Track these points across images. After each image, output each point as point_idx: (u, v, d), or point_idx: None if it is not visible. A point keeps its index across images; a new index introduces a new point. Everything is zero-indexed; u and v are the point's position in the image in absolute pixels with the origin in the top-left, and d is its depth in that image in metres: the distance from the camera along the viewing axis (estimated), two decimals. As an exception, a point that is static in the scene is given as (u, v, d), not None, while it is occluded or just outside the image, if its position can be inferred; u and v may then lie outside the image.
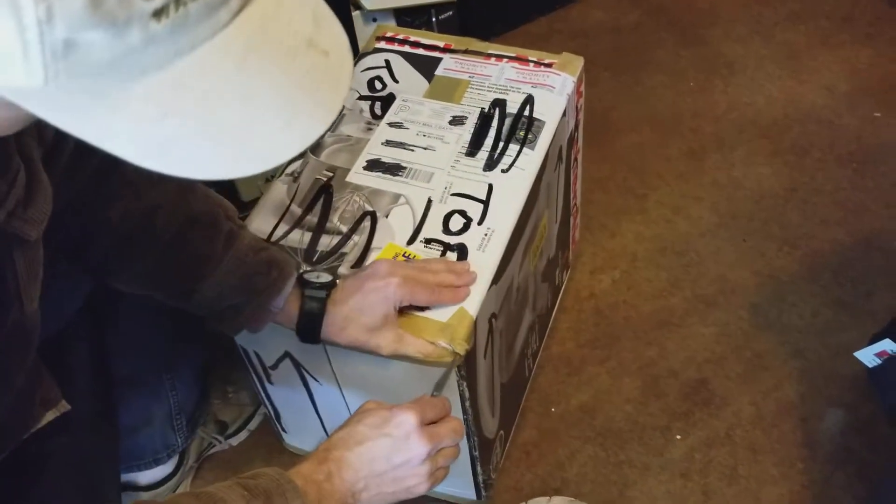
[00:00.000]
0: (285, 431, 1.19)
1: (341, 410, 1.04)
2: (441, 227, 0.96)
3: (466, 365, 0.89)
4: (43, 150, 0.69)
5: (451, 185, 0.99)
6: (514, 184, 0.99)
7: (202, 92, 0.43)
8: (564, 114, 1.09)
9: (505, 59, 1.14)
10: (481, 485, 1.10)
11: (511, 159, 1.01)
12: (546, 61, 1.13)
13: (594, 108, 1.68)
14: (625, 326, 1.34)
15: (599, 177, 1.55)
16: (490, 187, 0.99)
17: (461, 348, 0.86)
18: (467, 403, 0.93)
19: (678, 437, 1.21)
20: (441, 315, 0.88)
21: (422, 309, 0.88)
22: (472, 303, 0.89)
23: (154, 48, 0.40)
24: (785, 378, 1.26)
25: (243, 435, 1.26)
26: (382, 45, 1.18)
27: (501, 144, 1.03)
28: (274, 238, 0.97)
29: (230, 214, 0.86)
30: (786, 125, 1.63)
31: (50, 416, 0.76)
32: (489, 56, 1.14)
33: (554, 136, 1.05)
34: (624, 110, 1.69)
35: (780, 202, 1.50)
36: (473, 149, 1.03)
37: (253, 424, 1.26)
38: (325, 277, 0.88)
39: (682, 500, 1.15)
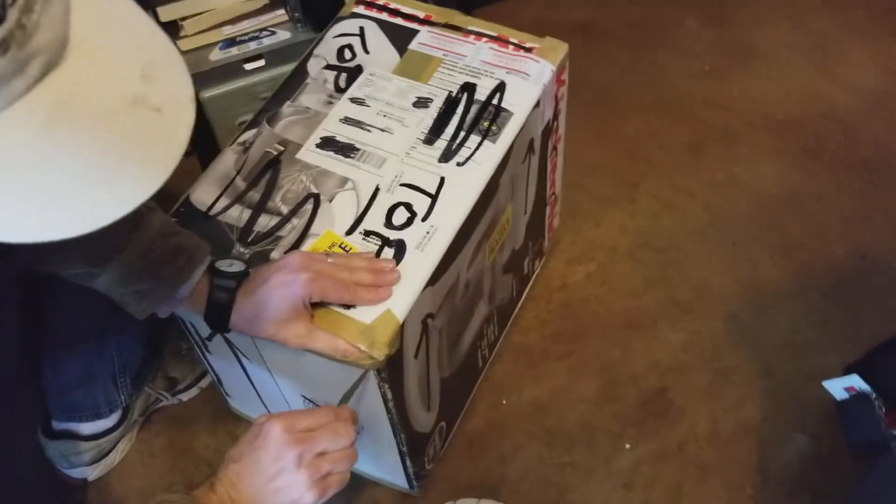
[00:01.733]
0: (228, 395, 1.18)
1: (273, 389, 1.02)
2: (383, 220, 0.91)
3: (390, 367, 0.85)
4: None
5: (402, 174, 0.94)
6: (468, 179, 0.94)
7: (2, 160, 0.43)
8: (538, 104, 1.02)
9: (484, 39, 1.07)
10: (412, 477, 1.08)
11: (469, 152, 0.96)
12: (527, 45, 1.06)
13: (600, 84, 1.61)
14: (592, 323, 1.30)
15: (593, 161, 1.48)
16: (441, 181, 0.93)
17: (380, 353, 0.82)
18: (390, 404, 0.90)
19: (627, 445, 1.18)
20: (365, 315, 0.84)
21: (347, 306, 0.84)
22: (400, 305, 0.85)
23: None
24: (750, 396, 1.21)
25: (194, 392, 1.25)
26: (361, 9, 1.12)
27: (462, 134, 0.97)
28: (213, 212, 0.94)
29: None
30: (800, 123, 1.54)
31: None
32: (468, 33, 1.08)
33: (522, 128, 0.99)
34: (630, 89, 1.61)
35: (778, 207, 1.42)
36: (433, 136, 0.97)
37: (204, 382, 1.25)
38: (238, 266, 0.84)
39: (620, 512, 1.13)
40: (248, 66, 1.33)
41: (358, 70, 1.05)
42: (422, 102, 1.00)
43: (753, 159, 1.49)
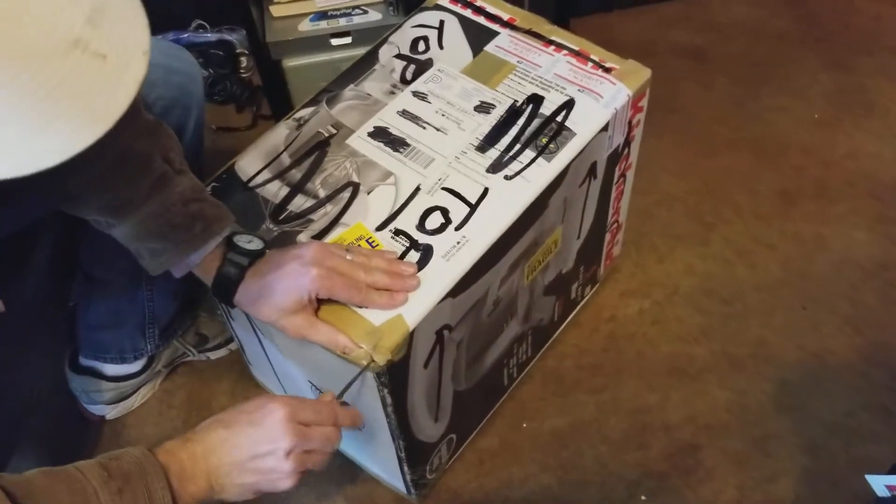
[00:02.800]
0: (250, 364, 1.18)
1: (286, 367, 1.01)
2: (417, 222, 0.88)
3: (393, 373, 0.83)
4: None
5: (447, 178, 0.91)
6: (512, 195, 0.90)
7: None
8: (606, 128, 0.97)
9: (564, 51, 1.02)
10: (409, 483, 1.05)
11: (520, 167, 0.92)
12: (607, 64, 1.00)
13: (696, 113, 1.54)
14: (634, 361, 1.24)
15: (670, 192, 1.41)
16: (485, 192, 0.90)
17: (382, 358, 0.79)
18: (389, 409, 0.88)
19: (643, 497, 1.12)
20: (376, 317, 0.81)
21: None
22: (413, 313, 0.82)
23: None
24: (785, 472, 1.13)
25: (222, 352, 1.26)
26: (445, 2, 1.09)
27: (517, 147, 0.93)
28: (252, 184, 0.93)
29: (170, 156, 0.82)
30: (907, 191, 1.43)
31: None
32: (549, 43, 1.03)
33: (583, 150, 0.95)
34: (728, 124, 1.52)
35: (861, 277, 1.32)
36: (487, 144, 0.94)
37: (234, 345, 1.26)
38: (256, 244, 0.83)
39: (619, 564, 1.07)
40: (334, 42, 1.33)
41: (428, 64, 1.02)
42: (484, 107, 0.97)
43: (846, 221, 1.38)
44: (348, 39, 1.32)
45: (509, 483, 1.13)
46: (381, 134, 0.95)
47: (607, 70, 1.00)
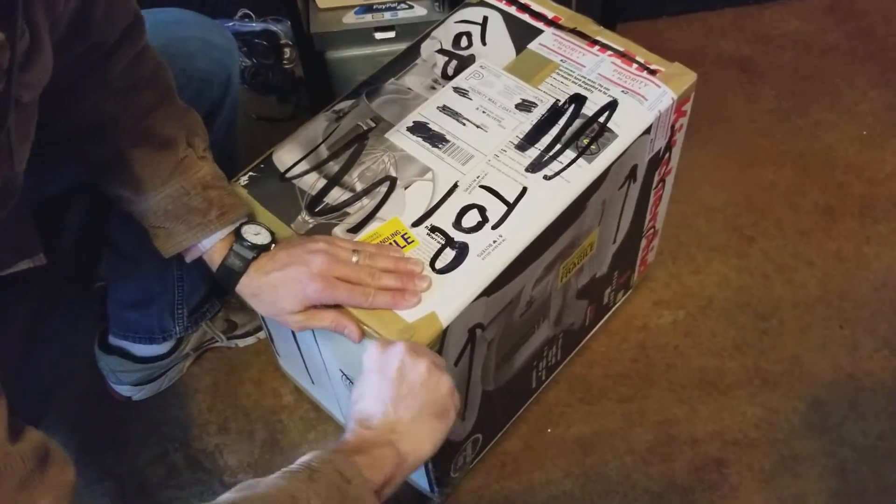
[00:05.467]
0: (279, 354, 1.18)
1: (317, 357, 1.01)
2: (453, 219, 0.88)
3: None
4: (50, 22, 0.67)
5: (485, 176, 0.90)
6: (551, 195, 0.89)
7: None
8: (649, 131, 0.96)
9: (609, 52, 1.01)
10: (433, 481, 1.04)
11: (560, 167, 0.91)
12: (652, 66, 0.99)
13: (742, 124, 1.51)
14: (664, 373, 1.22)
15: (710, 202, 1.39)
16: (523, 191, 0.89)
17: (395, 337, 0.79)
18: None
19: (666, 510, 1.10)
20: (409, 314, 0.81)
21: None
22: (447, 311, 0.81)
23: None
24: (813, 494, 1.11)
25: (250, 340, 1.26)
26: None
27: (558, 147, 0.92)
28: (289, 175, 0.93)
29: (194, 141, 0.84)
30: (955, 214, 1.39)
31: (23, 265, 0.77)
32: (594, 43, 1.02)
33: (624, 152, 0.93)
34: (774, 137, 1.49)
35: (903, 299, 1.29)
36: (527, 143, 0.93)
37: (262, 333, 1.26)
38: (264, 238, 0.83)
39: (637, 577, 1.06)
40: (378, 36, 1.32)
41: (470, 60, 1.02)
42: (525, 105, 0.96)
43: (889, 242, 1.35)
44: (392, 34, 1.32)
45: (531, 488, 1.12)
46: (420, 129, 0.95)
47: (652, 72, 0.99)
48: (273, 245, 0.83)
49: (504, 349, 0.99)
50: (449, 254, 0.85)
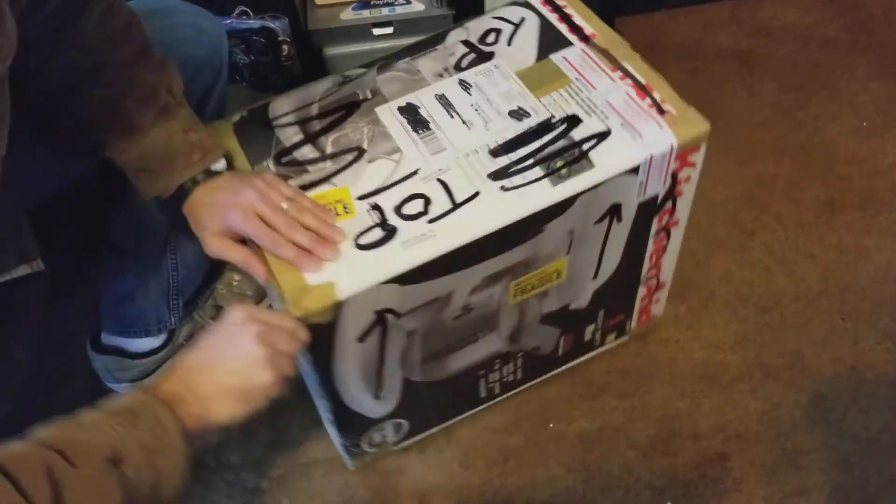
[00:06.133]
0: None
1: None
2: (397, 203, 0.88)
3: (315, 332, 0.83)
4: None
5: (447, 171, 0.90)
6: (501, 206, 0.87)
7: None
8: (636, 171, 0.91)
9: (628, 81, 0.96)
10: (342, 447, 1.08)
11: (522, 182, 0.88)
12: (665, 106, 0.93)
13: (742, 118, 1.51)
14: (665, 367, 1.22)
15: (711, 198, 1.39)
16: (475, 195, 0.87)
17: (296, 312, 0.82)
18: (311, 364, 0.91)
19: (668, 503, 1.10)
20: (313, 278, 0.83)
21: None
22: (347, 286, 0.83)
23: None
24: (816, 487, 1.11)
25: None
26: (536, 1, 1.06)
27: (529, 162, 0.89)
28: (275, 123, 0.97)
29: (173, 89, 0.88)
30: (956, 205, 1.39)
31: (22, 270, 0.78)
32: (617, 68, 0.97)
33: (598, 185, 0.89)
34: (774, 130, 1.49)
35: (905, 291, 1.29)
36: (502, 150, 0.91)
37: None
38: (220, 166, 0.89)
39: (641, 571, 1.06)
40: (376, 31, 1.32)
41: (487, 57, 1.00)
42: (519, 113, 0.94)
43: (890, 234, 1.35)
44: (390, 29, 1.32)
45: (533, 484, 1.12)
46: (409, 111, 0.95)
47: (662, 111, 0.93)
48: (223, 173, 0.89)
49: (433, 346, 0.99)
50: (377, 233, 0.86)
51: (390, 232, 0.86)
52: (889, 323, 1.25)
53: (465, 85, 0.98)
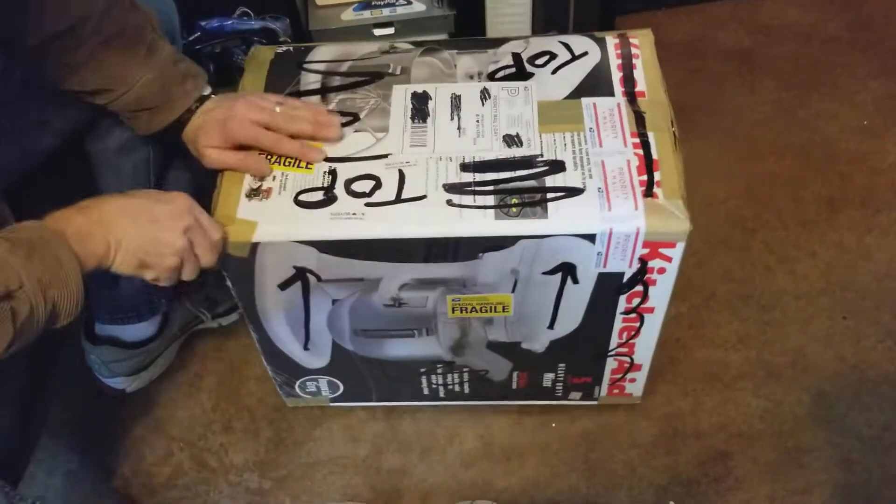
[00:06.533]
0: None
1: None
2: (351, 176, 0.90)
3: (236, 262, 0.89)
4: None
5: (412, 166, 0.90)
6: (437, 217, 0.86)
7: None
8: (594, 240, 0.87)
9: (639, 152, 0.90)
10: (275, 382, 1.14)
11: (470, 203, 0.87)
12: (657, 190, 0.87)
13: (743, 116, 1.51)
14: (667, 366, 1.22)
15: (711, 196, 1.39)
16: (421, 197, 0.87)
17: (218, 216, 0.88)
18: (233, 289, 0.96)
19: (672, 503, 1.10)
20: (243, 212, 0.88)
21: (257, 194, 0.89)
22: (264, 231, 0.87)
23: None
24: (819, 485, 1.11)
25: (233, 317, 1.27)
26: (610, 42, 1.01)
27: (488, 188, 0.88)
28: (304, 67, 1.01)
29: (153, 23, 0.90)
30: (956, 203, 1.39)
31: None
32: (636, 134, 0.92)
33: (544, 238, 0.87)
34: (774, 129, 1.49)
35: (906, 289, 1.29)
36: (473, 168, 0.89)
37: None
38: (208, 90, 0.93)
39: (644, 570, 1.06)
40: (377, 32, 1.32)
41: (525, 77, 0.98)
42: (512, 140, 0.92)
43: (892, 231, 1.35)
44: (391, 30, 1.32)
45: (536, 482, 1.12)
46: (419, 99, 0.96)
47: (649, 194, 0.87)
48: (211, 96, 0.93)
49: (363, 323, 1.01)
50: (317, 196, 0.88)
51: (329, 199, 0.88)
52: (891, 321, 1.25)
53: (485, 95, 0.97)
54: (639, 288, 0.95)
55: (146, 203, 0.80)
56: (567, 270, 0.92)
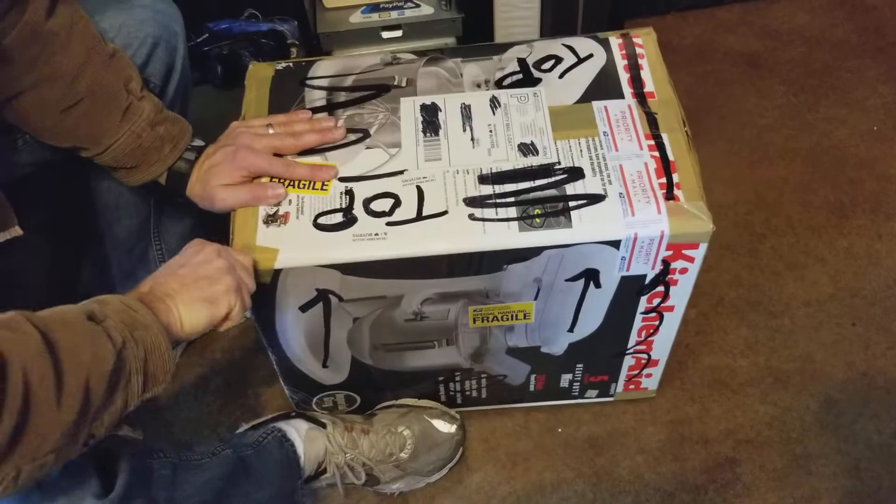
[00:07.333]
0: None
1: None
2: (369, 195, 0.89)
3: (257, 289, 0.86)
4: None
5: (429, 181, 0.89)
6: (461, 232, 0.86)
7: None
8: (618, 246, 0.87)
9: (655, 154, 0.90)
10: (291, 399, 1.14)
11: (492, 216, 0.86)
12: (678, 192, 0.88)
13: (752, 121, 1.51)
14: (674, 371, 1.21)
15: (720, 201, 1.38)
16: (442, 213, 0.87)
17: (237, 247, 0.87)
18: (252, 316, 0.95)
19: (678, 509, 1.10)
20: (269, 239, 0.86)
21: (274, 220, 0.88)
22: (287, 258, 0.86)
23: None
24: (826, 493, 1.10)
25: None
26: (614, 43, 1.01)
27: (509, 199, 0.87)
28: (308, 83, 1.00)
29: (131, 87, 0.89)
30: (968, 209, 1.38)
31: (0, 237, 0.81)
32: (651, 136, 0.92)
33: (569, 247, 0.87)
34: (782, 134, 1.48)
35: (916, 296, 1.28)
36: (491, 180, 0.89)
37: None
38: (200, 141, 0.94)
39: (650, 577, 1.05)
40: (385, 35, 1.32)
41: (533, 83, 0.97)
42: (527, 149, 0.91)
43: (901, 238, 1.34)
44: (399, 33, 1.32)
45: (542, 487, 1.12)
46: (430, 111, 0.95)
47: (670, 196, 0.87)
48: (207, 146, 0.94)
49: (383, 338, 1.00)
50: (336, 218, 0.87)
51: (349, 221, 0.87)
52: (900, 327, 1.25)
53: (494, 103, 0.96)
54: (660, 288, 0.96)
55: (182, 262, 0.79)
56: (590, 276, 0.92)
